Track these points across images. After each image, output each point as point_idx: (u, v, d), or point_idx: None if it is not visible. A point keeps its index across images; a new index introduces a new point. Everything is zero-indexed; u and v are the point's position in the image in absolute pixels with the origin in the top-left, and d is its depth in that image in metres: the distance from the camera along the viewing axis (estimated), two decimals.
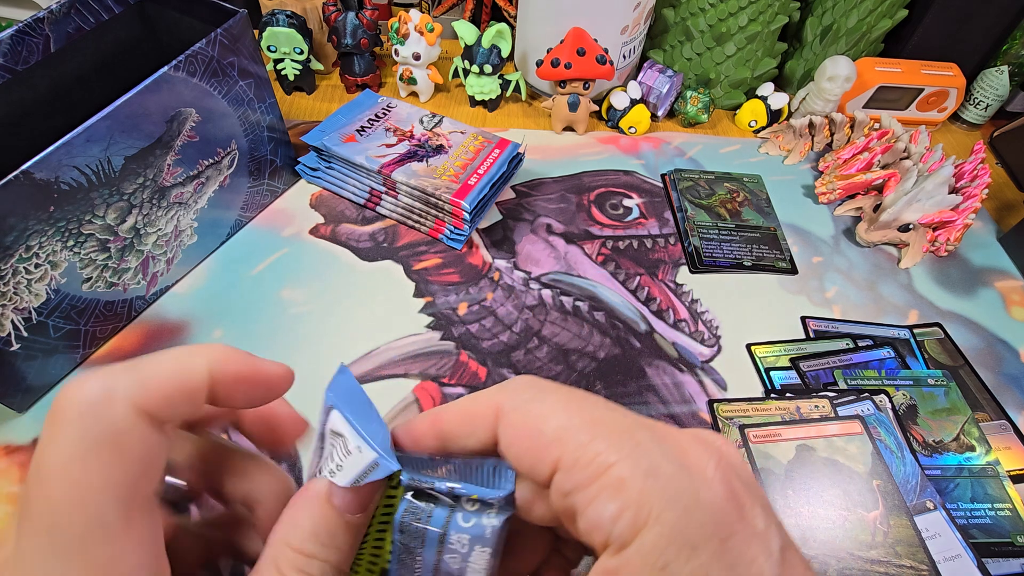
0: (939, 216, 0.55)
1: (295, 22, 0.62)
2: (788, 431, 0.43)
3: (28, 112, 0.47)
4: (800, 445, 0.43)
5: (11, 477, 0.41)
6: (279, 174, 0.57)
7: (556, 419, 0.17)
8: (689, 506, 0.15)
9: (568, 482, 0.16)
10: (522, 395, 0.19)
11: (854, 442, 0.43)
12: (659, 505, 0.15)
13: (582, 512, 0.16)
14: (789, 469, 0.42)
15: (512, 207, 0.59)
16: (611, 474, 0.16)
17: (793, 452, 0.43)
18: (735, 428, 0.44)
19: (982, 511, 0.41)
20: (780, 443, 0.43)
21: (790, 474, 0.42)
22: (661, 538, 0.15)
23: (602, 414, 0.17)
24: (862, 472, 0.42)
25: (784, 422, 0.44)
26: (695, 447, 0.17)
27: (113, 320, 0.47)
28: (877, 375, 0.47)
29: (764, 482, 0.41)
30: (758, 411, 0.45)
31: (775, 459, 0.42)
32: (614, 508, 0.15)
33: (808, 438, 0.43)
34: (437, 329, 0.49)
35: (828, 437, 0.43)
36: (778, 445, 0.43)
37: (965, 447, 0.44)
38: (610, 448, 0.16)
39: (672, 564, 0.15)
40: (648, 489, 0.15)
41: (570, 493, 0.16)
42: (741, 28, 0.63)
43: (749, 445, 0.43)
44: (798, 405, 0.45)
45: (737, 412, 0.45)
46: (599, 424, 0.17)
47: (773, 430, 0.44)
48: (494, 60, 0.63)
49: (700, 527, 0.15)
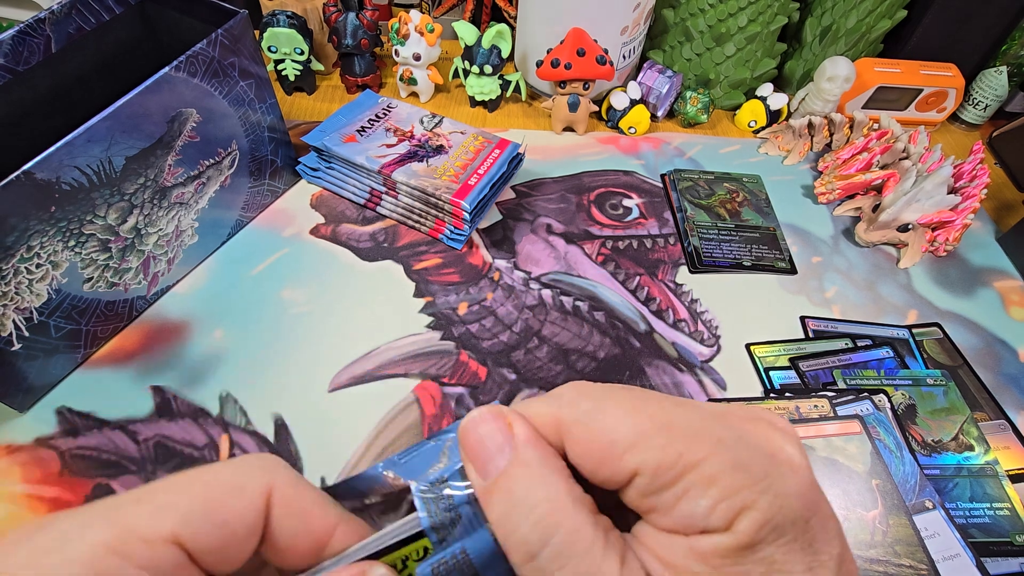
0: (938, 216, 0.55)
1: (296, 23, 0.62)
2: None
3: (29, 112, 0.47)
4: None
5: (12, 476, 0.41)
6: (280, 174, 0.57)
7: (625, 428, 0.17)
8: (780, 493, 0.16)
9: (651, 485, 0.17)
10: (581, 407, 0.18)
11: (853, 442, 0.43)
12: (751, 495, 0.16)
13: (669, 509, 0.17)
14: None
15: (512, 207, 0.59)
16: (699, 472, 0.16)
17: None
18: None
19: (981, 510, 0.41)
20: None
21: None
22: (754, 523, 0.16)
23: (670, 414, 0.18)
24: (861, 472, 0.42)
25: None
26: (773, 435, 0.18)
27: (114, 320, 0.47)
28: (876, 375, 0.47)
29: None
30: None
31: None
32: (707, 503, 0.16)
33: (807, 438, 0.43)
34: (437, 329, 0.50)
35: (827, 437, 0.43)
36: None
37: (964, 447, 0.44)
38: (691, 448, 0.17)
39: (761, 545, 0.16)
40: (739, 482, 0.16)
41: (653, 494, 0.17)
42: (741, 29, 0.63)
43: None
44: (797, 405, 0.45)
45: None
46: (672, 426, 0.17)
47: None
48: (494, 60, 0.64)
49: (790, 511, 0.16)
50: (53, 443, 0.42)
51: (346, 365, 0.47)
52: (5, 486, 0.40)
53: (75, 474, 0.41)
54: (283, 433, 0.43)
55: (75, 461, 0.41)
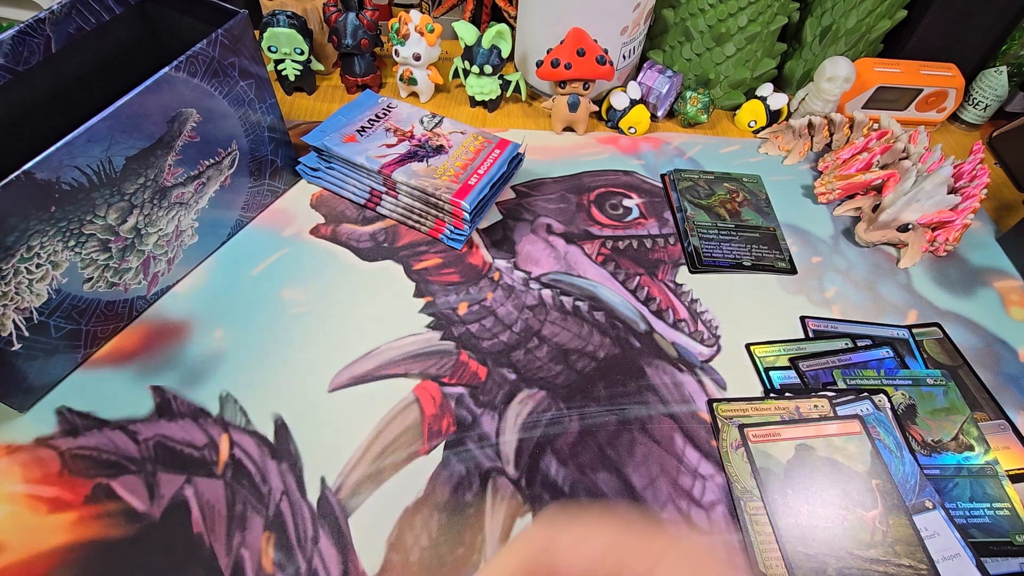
0: (938, 216, 0.55)
1: (296, 23, 0.62)
2: (787, 431, 0.44)
3: (29, 112, 0.47)
4: (799, 444, 0.43)
5: (12, 476, 0.41)
6: (280, 174, 0.57)
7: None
8: None
9: None
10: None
11: (853, 442, 0.43)
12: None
13: None
14: (788, 468, 0.42)
15: (512, 207, 0.59)
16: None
17: (792, 451, 0.43)
18: (734, 428, 0.44)
19: (981, 510, 0.41)
20: (779, 442, 0.43)
21: (789, 473, 0.42)
22: None
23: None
24: (861, 471, 0.42)
25: (783, 422, 0.44)
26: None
27: (114, 320, 0.47)
28: (876, 375, 0.48)
29: (763, 482, 0.41)
30: (758, 411, 0.45)
31: (774, 458, 0.42)
32: None
33: (807, 437, 0.43)
34: (437, 329, 0.50)
35: (827, 436, 0.43)
36: (778, 444, 0.43)
37: (964, 447, 0.44)
38: None
39: None
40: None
41: None
42: (741, 29, 0.63)
43: (748, 444, 0.43)
44: (797, 405, 0.45)
45: (737, 412, 0.45)
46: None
47: (772, 430, 0.44)
48: (494, 60, 0.64)
49: None
50: (53, 443, 0.42)
51: (346, 365, 0.47)
52: (5, 486, 0.40)
53: (75, 474, 0.41)
54: (283, 433, 0.43)
55: (75, 461, 0.41)
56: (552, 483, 0.42)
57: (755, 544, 0.39)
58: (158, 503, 0.40)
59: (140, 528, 0.39)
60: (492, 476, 0.42)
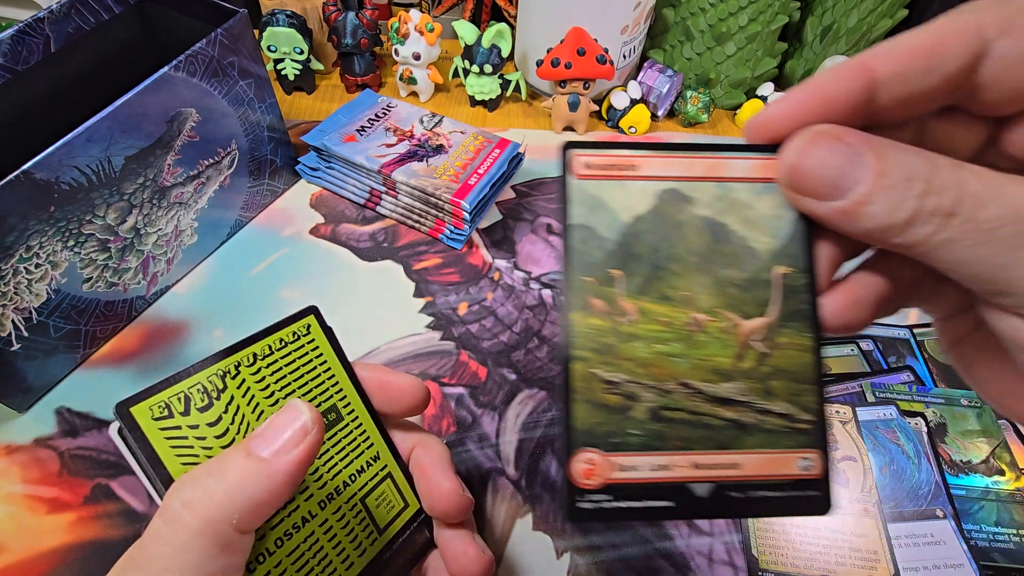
0: None
1: (295, 22, 0.62)
2: (652, 163, 0.23)
3: (28, 112, 0.47)
4: (667, 190, 0.23)
5: (12, 476, 0.41)
6: (279, 174, 0.57)
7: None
8: None
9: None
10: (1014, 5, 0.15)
11: (766, 197, 0.22)
12: None
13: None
14: (630, 231, 0.23)
15: (512, 207, 0.59)
16: None
17: (650, 200, 0.23)
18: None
19: (1006, 536, 0.40)
20: (631, 182, 0.23)
21: (627, 241, 0.23)
22: None
23: None
24: (760, 249, 0.22)
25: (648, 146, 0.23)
26: None
27: (113, 320, 0.47)
28: (908, 391, 0.46)
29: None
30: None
31: (610, 211, 0.24)
32: None
33: (684, 179, 0.22)
34: (437, 329, 0.49)
35: (724, 181, 0.22)
36: (625, 186, 0.23)
37: (994, 470, 0.43)
38: None
39: None
40: None
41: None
42: (741, 28, 0.63)
43: (569, 181, 0.24)
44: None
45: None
46: None
47: (627, 158, 0.23)
48: (494, 60, 0.63)
49: None
50: (52, 443, 0.42)
51: None
52: (4, 486, 0.40)
53: (74, 474, 0.41)
54: None
55: (74, 461, 0.41)
56: (552, 483, 0.42)
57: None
58: (158, 503, 0.40)
59: (140, 528, 0.39)
60: (492, 476, 0.42)
